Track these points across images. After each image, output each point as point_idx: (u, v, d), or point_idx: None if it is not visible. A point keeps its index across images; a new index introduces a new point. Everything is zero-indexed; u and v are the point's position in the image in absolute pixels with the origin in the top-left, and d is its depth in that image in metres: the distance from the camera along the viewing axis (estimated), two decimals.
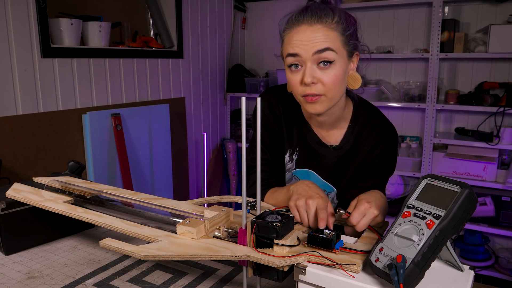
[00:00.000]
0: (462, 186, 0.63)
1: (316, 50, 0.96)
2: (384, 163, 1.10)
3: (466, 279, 0.65)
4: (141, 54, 2.70)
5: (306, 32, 0.97)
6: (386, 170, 1.12)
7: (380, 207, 0.83)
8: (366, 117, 1.12)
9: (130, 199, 0.94)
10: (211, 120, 3.45)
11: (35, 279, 0.88)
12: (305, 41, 0.96)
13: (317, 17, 0.97)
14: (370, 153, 1.10)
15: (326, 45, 0.96)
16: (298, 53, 0.97)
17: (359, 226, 0.80)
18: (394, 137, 1.12)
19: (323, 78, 0.97)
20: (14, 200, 0.98)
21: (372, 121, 1.11)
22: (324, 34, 0.96)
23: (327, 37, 0.96)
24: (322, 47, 0.96)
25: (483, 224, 2.71)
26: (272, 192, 1.09)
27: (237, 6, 3.52)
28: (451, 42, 2.70)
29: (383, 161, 1.10)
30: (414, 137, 3.05)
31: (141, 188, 2.73)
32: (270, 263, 0.65)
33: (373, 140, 1.10)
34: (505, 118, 2.61)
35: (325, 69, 0.97)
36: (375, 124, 1.11)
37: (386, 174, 1.13)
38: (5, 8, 1.98)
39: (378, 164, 1.10)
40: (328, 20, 0.97)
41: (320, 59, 0.96)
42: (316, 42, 0.96)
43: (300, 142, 1.15)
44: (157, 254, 0.67)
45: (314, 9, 0.99)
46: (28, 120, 2.12)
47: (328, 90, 0.98)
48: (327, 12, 0.98)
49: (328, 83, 0.98)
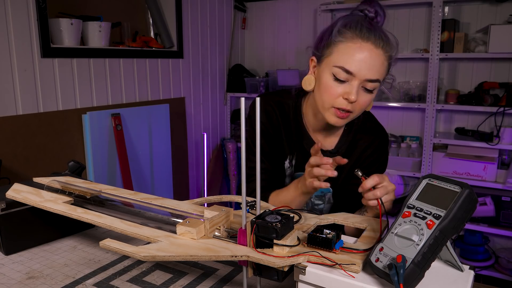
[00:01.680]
0: (462, 186, 0.63)
1: (369, 78, 0.97)
2: (376, 162, 1.16)
3: (466, 279, 0.65)
4: (141, 54, 2.70)
5: (371, 55, 0.96)
6: (379, 168, 1.17)
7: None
8: (359, 121, 1.16)
9: (130, 199, 0.94)
10: (211, 120, 3.45)
11: (35, 279, 0.88)
12: (365, 62, 0.96)
13: (383, 42, 0.97)
14: (363, 152, 1.15)
15: (378, 76, 0.98)
16: (354, 72, 0.97)
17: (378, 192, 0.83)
18: (385, 138, 1.18)
19: (361, 100, 1.00)
20: (14, 200, 0.98)
21: (365, 124, 1.16)
22: (382, 63, 0.98)
23: (382, 67, 0.98)
24: (375, 78, 0.98)
25: (483, 224, 2.71)
26: (275, 194, 1.09)
27: (237, 6, 3.52)
28: (451, 42, 2.70)
29: (375, 159, 1.16)
30: (414, 137, 3.05)
31: (141, 188, 2.73)
32: (270, 263, 0.65)
33: (366, 141, 1.15)
34: (505, 118, 2.61)
35: (366, 93, 1.00)
36: (368, 127, 1.17)
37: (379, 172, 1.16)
38: (5, 8, 1.98)
39: (371, 162, 1.15)
40: (390, 50, 0.99)
41: (366, 85, 0.98)
42: (372, 70, 0.97)
43: (297, 147, 1.16)
44: (157, 255, 0.67)
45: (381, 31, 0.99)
46: (28, 120, 2.12)
47: (358, 110, 1.02)
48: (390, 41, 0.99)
49: (362, 105, 1.01)
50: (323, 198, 1.17)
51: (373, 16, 1.02)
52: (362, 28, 0.97)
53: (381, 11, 1.03)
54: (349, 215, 0.86)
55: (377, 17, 1.02)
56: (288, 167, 1.17)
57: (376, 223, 0.79)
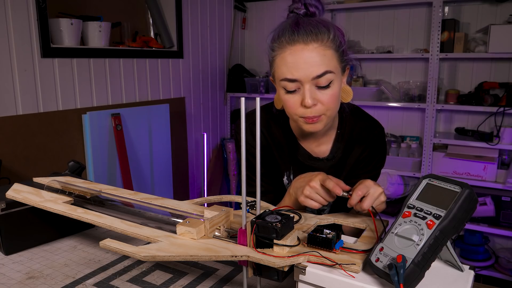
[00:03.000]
0: (462, 186, 0.63)
1: (315, 75, 0.92)
2: (374, 159, 1.13)
3: (466, 279, 0.65)
4: (141, 54, 2.70)
5: (303, 53, 0.91)
6: (377, 164, 1.14)
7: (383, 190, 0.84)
8: (352, 121, 1.13)
9: (130, 199, 0.94)
10: (211, 120, 3.45)
11: (35, 279, 0.88)
12: (302, 64, 0.92)
13: (313, 34, 0.92)
14: (361, 155, 1.13)
15: (324, 68, 0.92)
16: (296, 78, 0.93)
17: (365, 203, 0.79)
18: (381, 133, 1.14)
19: (322, 98, 0.95)
20: (14, 200, 0.98)
21: (358, 124, 1.12)
22: (321, 54, 0.92)
23: (324, 57, 0.92)
24: (321, 72, 0.92)
25: (483, 224, 2.71)
26: None
27: (237, 6, 3.52)
28: (451, 42, 2.70)
29: (373, 157, 1.13)
30: (414, 137, 3.05)
31: (141, 188, 2.73)
32: (270, 263, 0.65)
33: (362, 142, 1.12)
34: (505, 118, 2.61)
35: (323, 90, 0.95)
36: (362, 127, 1.13)
37: (377, 167, 1.15)
38: (5, 8, 1.98)
39: (369, 161, 1.13)
40: (324, 38, 0.93)
41: (318, 83, 0.93)
42: (314, 66, 0.92)
43: (292, 161, 1.14)
44: (157, 255, 0.67)
45: (307, 26, 0.93)
46: (28, 120, 2.12)
47: (327, 109, 0.97)
48: (321, 29, 0.93)
49: (327, 103, 0.96)
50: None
51: (305, 11, 0.97)
52: (285, 34, 0.93)
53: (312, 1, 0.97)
54: (349, 215, 0.86)
55: (310, 9, 0.97)
56: (287, 183, 1.15)
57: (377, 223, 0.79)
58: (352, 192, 0.82)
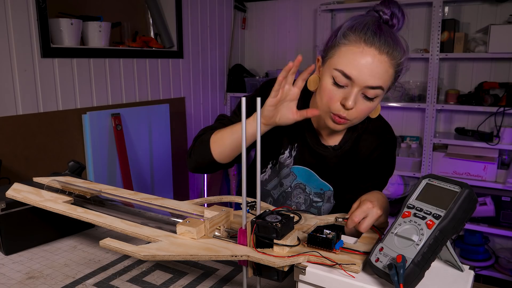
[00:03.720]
0: (462, 186, 0.63)
1: (370, 85, 0.93)
2: (383, 165, 1.12)
3: (466, 279, 0.65)
4: (141, 54, 2.70)
5: (373, 60, 0.91)
6: (385, 172, 1.13)
7: (383, 207, 0.83)
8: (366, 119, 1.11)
9: (130, 199, 0.94)
10: (211, 120, 3.45)
11: (35, 279, 0.88)
12: (366, 69, 0.92)
13: (390, 48, 0.92)
14: (370, 155, 1.11)
15: (381, 83, 0.93)
16: (353, 78, 0.93)
17: (362, 226, 0.79)
18: (393, 139, 1.14)
19: (360, 107, 0.96)
20: (14, 200, 0.98)
21: (372, 123, 1.12)
22: (385, 70, 0.93)
23: (386, 74, 0.93)
24: (376, 85, 0.93)
25: (483, 224, 2.71)
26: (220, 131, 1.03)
27: (237, 6, 3.52)
28: (451, 42, 2.70)
29: (382, 163, 1.12)
30: (414, 137, 3.05)
31: (141, 188, 2.73)
32: (270, 263, 0.65)
33: (373, 142, 1.11)
34: (505, 118, 2.61)
35: (365, 100, 0.96)
36: (375, 126, 1.12)
37: (385, 176, 1.14)
38: (5, 8, 1.98)
39: (378, 166, 1.11)
40: (396, 56, 0.94)
41: (367, 92, 0.94)
42: (373, 76, 0.92)
43: (300, 140, 1.13)
44: (157, 254, 0.67)
45: (388, 36, 0.93)
46: (28, 120, 2.12)
47: (357, 117, 0.98)
48: (398, 47, 0.94)
49: (361, 112, 0.97)
50: (323, 196, 1.16)
51: (388, 18, 0.97)
52: (367, 32, 0.93)
53: (399, 13, 0.98)
54: None
55: (393, 20, 0.97)
56: (288, 157, 1.14)
57: None
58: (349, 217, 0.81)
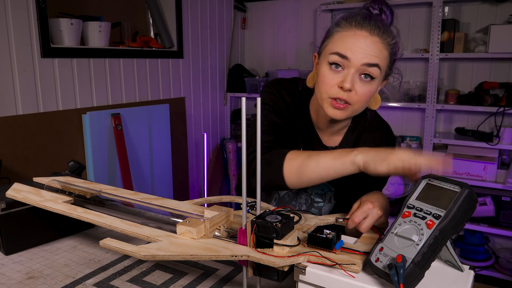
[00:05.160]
0: (462, 186, 0.63)
1: (367, 62, 0.95)
2: None
3: (466, 279, 0.65)
4: (141, 54, 2.70)
5: (365, 40, 0.95)
6: None
7: (383, 207, 0.83)
8: (366, 119, 1.13)
9: (130, 199, 0.94)
10: (211, 120, 3.45)
11: (35, 279, 0.88)
12: (360, 48, 0.94)
13: (380, 30, 0.96)
14: None
15: (377, 61, 0.95)
16: (348, 56, 0.95)
17: (363, 227, 0.79)
18: (392, 140, 1.14)
19: (359, 89, 0.96)
20: (14, 200, 0.98)
21: (372, 123, 1.13)
22: (379, 49, 0.96)
23: (381, 53, 0.96)
24: (373, 62, 0.95)
25: (483, 224, 2.71)
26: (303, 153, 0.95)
27: (237, 6, 3.52)
28: (451, 42, 2.70)
29: None
30: (414, 137, 3.05)
31: (141, 188, 2.73)
32: (270, 263, 0.65)
33: (372, 142, 1.11)
34: (505, 118, 2.61)
35: (364, 82, 0.97)
36: (375, 126, 1.13)
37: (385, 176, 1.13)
38: (5, 8, 1.98)
39: None
40: (388, 38, 0.97)
41: (364, 71, 0.96)
42: (369, 54, 0.94)
43: (303, 140, 1.14)
44: (157, 254, 0.67)
45: (378, 21, 0.97)
46: (28, 120, 2.12)
47: (357, 101, 0.98)
48: (389, 30, 0.98)
49: (361, 96, 0.97)
50: (324, 196, 1.17)
51: (378, 13, 1.01)
52: (357, 17, 0.97)
53: (387, 10, 1.02)
54: None
55: (382, 15, 1.01)
56: None
57: None
58: (349, 217, 0.81)
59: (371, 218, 0.79)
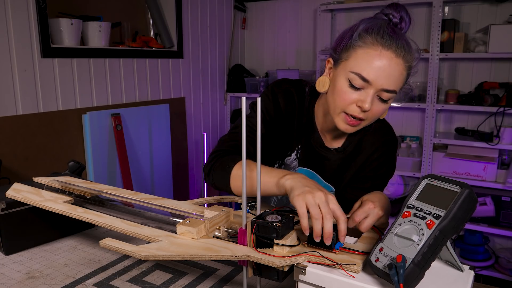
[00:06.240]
0: (462, 186, 0.63)
1: (386, 88, 0.94)
2: (383, 166, 1.13)
3: (466, 279, 0.65)
4: (141, 54, 2.70)
5: (390, 63, 0.92)
6: (386, 172, 1.14)
7: (384, 208, 0.83)
8: None
9: (130, 199, 0.94)
10: (211, 120, 3.45)
11: (35, 279, 0.88)
12: (384, 71, 0.93)
13: (405, 51, 0.93)
14: (371, 155, 1.12)
15: (395, 87, 0.95)
16: (370, 81, 0.93)
17: (363, 226, 0.79)
18: (394, 141, 1.15)
19: (374, 109, 0.97)
20: (14, 200, 0.98)
21: (374, 124, 1.12)
22: (401, 72, 0.94)
23: (401, 77, 0.95)
24: (392, 88, 0.94)
25: (483, 224, 2.70)
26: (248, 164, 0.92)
27: (237, 6, 3.52)
28: (451, 42, 2.70)
29: (383, 163, 1.12)
30: (414, 137, 3.05)
31: (141, 188, 2.73)
32: (270, 263, 0.65)
33: (375, 142, 1.12)
34: (505, 118, 2.61)
35: (380, 102, 0.97)
36: (377, 127, 1.13)
37: (386, 176, 1.14)
38: (5, 8, 1.98)
39: (378, 166, 1.12)
40: (410, 61, 0.95)
41: (381, 95, 0.95)
42: (390, 80, 0.93)
43: (304, 141, 1.14)
44: (157, 254, 0.67)
45: (402, 40, 0.94)
46: (28, 120, 2.12)
47: (370, 119, 0.99)
48: (412, 50, 0.95)
49: (375, 114, 0.98)
50: None
51: (398, 21, 0.98)
52: (384, 35, 0.93)
53: (406, 17, 0.99)
54: None
55: (402, 23, 0.98)
56: (294, 159, 1.14)
57: None
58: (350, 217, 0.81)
59: (371, 218, 0.80)
